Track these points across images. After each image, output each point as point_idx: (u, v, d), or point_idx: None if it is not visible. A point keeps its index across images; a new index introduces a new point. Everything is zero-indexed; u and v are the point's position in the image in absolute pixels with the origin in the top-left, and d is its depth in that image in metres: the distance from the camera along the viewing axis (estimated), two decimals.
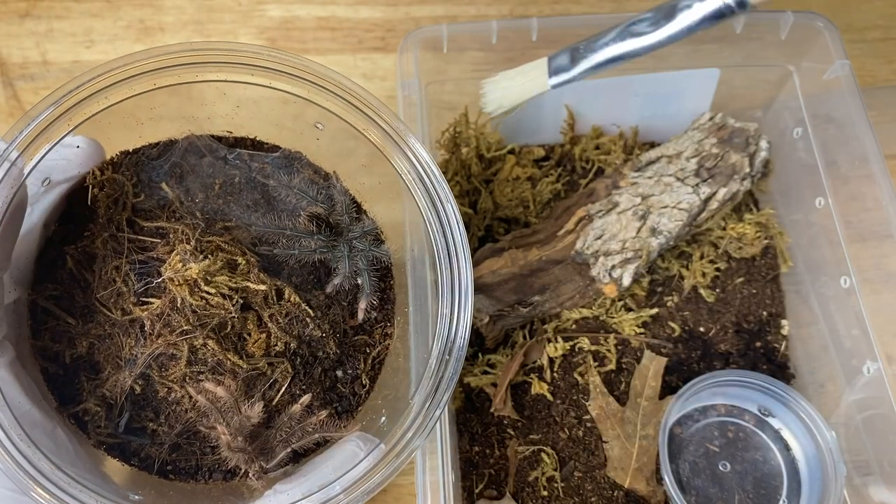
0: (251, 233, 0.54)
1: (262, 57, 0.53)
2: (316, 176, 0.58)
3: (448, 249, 0.52)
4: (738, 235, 0.69)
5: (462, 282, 0.51)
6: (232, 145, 0.57)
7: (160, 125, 0.56)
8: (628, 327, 0.67)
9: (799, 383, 0.68)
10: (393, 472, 0.47)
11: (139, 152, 0.56)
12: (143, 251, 0.53)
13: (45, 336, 0.51)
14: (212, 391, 0.49)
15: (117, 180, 0.54)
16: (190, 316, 0.50)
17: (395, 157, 0.53)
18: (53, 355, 0.51)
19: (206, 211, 0.54)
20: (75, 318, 0.52)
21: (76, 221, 0.53)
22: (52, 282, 0.52)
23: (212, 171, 0.56)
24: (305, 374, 0.53)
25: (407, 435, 0.48)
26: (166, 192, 0.54)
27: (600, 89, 0.71)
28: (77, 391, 0.51)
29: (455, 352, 0.50)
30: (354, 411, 0.54)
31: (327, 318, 0.54)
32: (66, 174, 0.52)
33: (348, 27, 0.81)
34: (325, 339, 0.54)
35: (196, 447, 0.51)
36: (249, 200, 0.55)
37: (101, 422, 0.51)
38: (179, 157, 0.56)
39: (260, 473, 0.50)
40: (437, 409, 0.48)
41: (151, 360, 0.51)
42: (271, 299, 0.53)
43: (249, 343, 0.52)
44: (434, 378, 0.49)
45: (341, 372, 0.55)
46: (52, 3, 0.79)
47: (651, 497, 0.62)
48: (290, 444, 0.50)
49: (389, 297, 0.58)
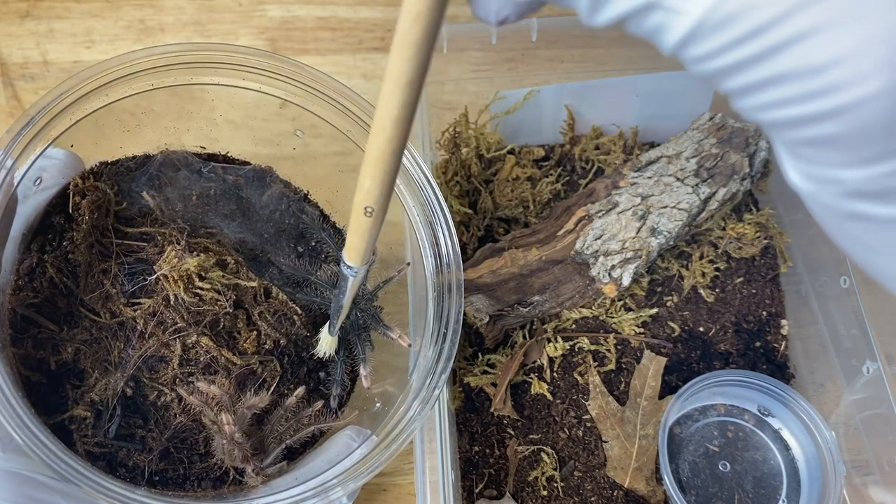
0: (233, 238, 0.55)
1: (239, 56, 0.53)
2: (286, 190, 0.60)
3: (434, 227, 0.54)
4: (737, 235, 0.69)
5: (451, 247, 0.52)
6: (206, 160, 0.58)
7: (142, 134, 0.56)
8: (628, 327, 0.67)
9: (798, 383, 0.68)
10: (390, 455, 0.47)
11: (118, 163, 0.57)
12: (131, 254, 0.53)
13: (26, 344, 0.51)
14: (205, 390, 0.49)
15: (100, 188, 0.54)
16: (184, 313, 0.50)
17: None
18: (37, 363, 0.51)
19: (187, 219, 0.55)
20: (59, 324, 0.51)
21: (55, 231, 0.53)
22: (32, 290, 0.51)
23: (188, 184, 0.57)
24: (292, 373, 0.54)
25: (407, 415, 0.48)
26: (147, 201, 0.55)
27: (600, 89, 0.71)
28: (62, 399, 0.50)
29: (451, 325, 0.51)
30: (338, 411, 0.55)
31: (312, 317, 0.55)
32: (45, 184, 0.53)
33: (348, 27, 0.81)
34: (311, 338, 0.55)
35: (184, 454, 0.51)
36: (226, 210, 0.56)
37: (88, 430, 0.50)
38: (156, 170, 0.56)
39: (258, 469, 0.50)
40: (437, 389, 0.49)
41: (141, 362, 0.50)
42: (260, 297, 0.53)
43: (240, 341, 0.52)
44: (434, 351, 0.50)
45: (324, 373, 0.56)
46: (52, 4, 0.79)
47: (651, 497, 0.62)
48: (284, 440, 0.50)
49: None
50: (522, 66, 0.71)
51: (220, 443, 0.49)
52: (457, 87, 0.71)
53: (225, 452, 0.49)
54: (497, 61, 0.69)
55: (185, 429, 0.51)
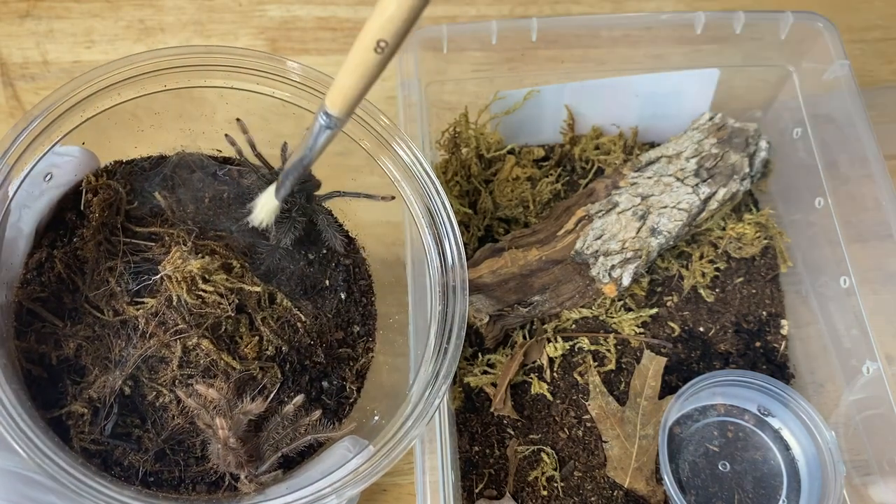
0: (242, 242, 0.55)
1: (250, 60, 0.53)
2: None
3: (439, 232, 0.53)
4: (737, 235, 0.69)
5: (456, 250, 0.52)
6: (222, 163, 0.58)
7: (159, 134, 0.56)
8: (628, 327, 0.67)
9: (798, 383, 0.68)
10: (387, 464, 0.47)
11: (133, 163, 0.57)
12: (137, 253, 0.53)
13: (29, 338, 0.51)
14: (203, 393, 0.49)
15: (112, 186, 0.54)
16: (186, 314, 0.50)
17: (383, 159, 0.55)
18: (38, 357, 0.51)
19: (198, 221, 0.55)
20: (62, 319, 0.51)
21: (66, 227, 0.53)
22: (39, 284, 0.52)
23: (202, 186, 0.57)
24: (293, 381, 0.54)
25: (407, 424, 0.48)
26: (159, 201, 0.55)
27: (600, 89, 0.72)
28: (61, 394, 0.50)
29: (454, 339, 0.50)
30: (341, 420, 0.55)
31: (316, 326, 0.55)
32: (58, 181, 0.53)
33: (349, 27, 0.81)
34: (314, 346, 0.55)
35: (180, 457, 0.51)
36: (238, 214, 0.56)
37: (84, 426, 0.50)
38: (171, 171, 0.56)
39: (252, 476, 0.49)
40: (437, 399, 0.49)
41: (141, 362, 0.50)
42: (264, 302, 0.53)
43: (241, 346, 0.52)
44: (434, 364, 0.50)
45: (327, 383, 0.56)
46: (52, 4, 0.79)
47: (651, 497, 0.62)
48: (280, 448, 0.50)
49: (371, 312, 0.60)
50: (522, 66, 0.71)
51: (216, 447, 0.49)
52: (457, 87, 0.71)
53: (220, 457, 0.49)
54: (497, 61, 0.69)
55: (182, 431, 0.51)
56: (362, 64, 0.35)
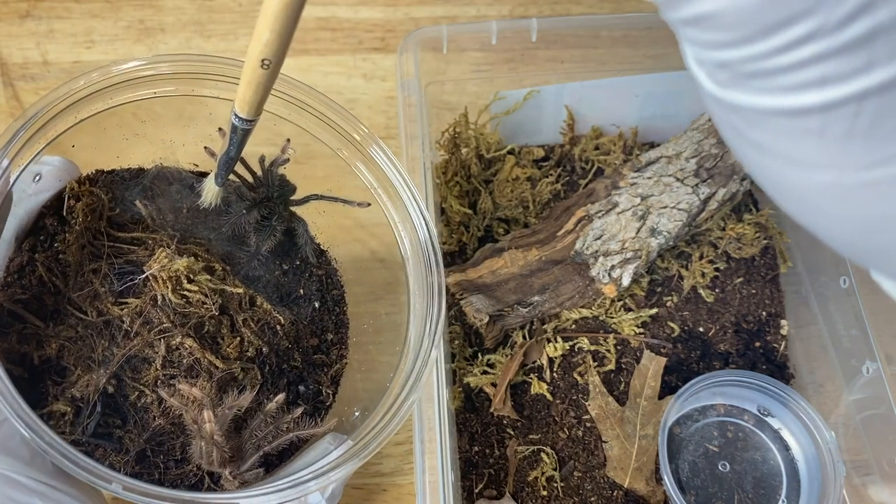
0: (221, 250, 0.56)
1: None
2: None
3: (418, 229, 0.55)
4: (737, 236, 0.69)
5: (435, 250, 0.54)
6: (198, 176, 0.59)
7: (139, 146, 0.57)
8: (628, 327, 0.67)
9: (798, 383, 0.68)
10: (366, 455, 0.48)
11: (113, 173, 0.57)
12: (121, 256, 0.54)
13: (10, 338, 0.51)
14: (186, 392, 0.49)
15: (95, 192, 0.55)
16: (170, 314, 0.51)
17: (360, 166, 0.57)
18: (19, 358, 0.51)
19: (177, 228, 0.56)
20: (44, 321, 0.52)
21: (48, 232, 0.54)
22: (21, 287, 0.52)
23: (180, 197, 0.58)
24: (272, 383, 0.55)
25: (383, 421, 0.49)
26: (140, 209, 0.56)
27: (600, 90, 0.72)
28: (42, 395, 0.50)
29: (434, 344, 0.52)
30: (319, 422, 0.56)
31: (293, 330, 0.56)
32: (40, 187, 0.54)
33: (348, 27, 0.81)
34: (291, 350, 0.56)
35: (160, 459, 0.51)
36: (215, 224, 0.57)
37: (66, 427, 0.50)
38: (150, 182, 0.57)
39: (235, 474, 0.50)
40: (412, 396, 0.50)
41: (124, 362, 0.51)
42: (245, 305, 0.54)
43: (224, 346, 0.53)
44: (413, 354, 0.52)
45: (304, 387, 0.57)
46: (52, 4, 0.79)
47: (650, 497, 0.62)
48: (262, 447, 0.51)
49: (343, 321, 0.61)
50: (522, 66, 0.71)
51: (199, 445, 0.49)
52: (457, 87, 0.71)
53: (203, 456, 0.49)
54: (497, 61, 0.69)
55: (163, 432, 0.51)
56: (255, 78, 0.42)
